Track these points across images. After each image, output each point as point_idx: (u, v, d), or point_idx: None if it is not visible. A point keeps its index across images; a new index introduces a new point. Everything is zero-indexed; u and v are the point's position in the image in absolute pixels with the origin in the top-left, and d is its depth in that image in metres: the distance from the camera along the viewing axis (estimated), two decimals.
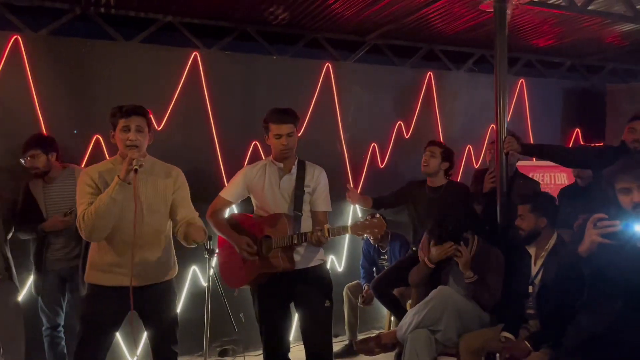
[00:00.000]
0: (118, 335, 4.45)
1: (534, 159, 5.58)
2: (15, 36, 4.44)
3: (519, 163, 4.81)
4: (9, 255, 3.63)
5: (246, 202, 3.45)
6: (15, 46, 4.43)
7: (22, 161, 3.75)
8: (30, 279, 4.00)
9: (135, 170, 2.71)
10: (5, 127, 4.30)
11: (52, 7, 4.66)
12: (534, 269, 3.35)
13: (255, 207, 3.35)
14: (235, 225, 3.31)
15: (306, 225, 3.18)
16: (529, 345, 3.11)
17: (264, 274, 3.16)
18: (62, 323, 3.96)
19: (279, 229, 3.09)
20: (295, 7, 4.89)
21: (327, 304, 3.20)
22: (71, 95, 4.60)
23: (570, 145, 6.62)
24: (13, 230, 3.79)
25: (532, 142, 6.27)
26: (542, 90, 6.54)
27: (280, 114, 3.17)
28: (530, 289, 3.35)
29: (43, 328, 3.95)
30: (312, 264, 3.20)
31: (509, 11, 3.83)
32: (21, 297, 4.20)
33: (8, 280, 3.62)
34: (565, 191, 4.65)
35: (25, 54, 4.45)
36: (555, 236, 3.37)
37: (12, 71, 4.42)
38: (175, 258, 3.13)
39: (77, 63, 4.63)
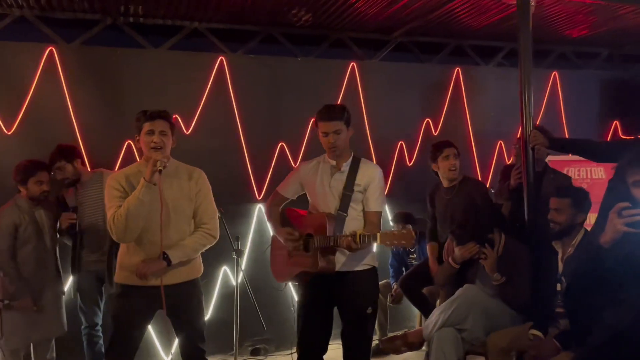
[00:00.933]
0: (153, 335, 4.60)
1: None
2: (50, 47, 4.65)
3: (553, 158, 4.68)
4: (58, 256, 3.89)
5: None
6: (51, 57, 4.64)
7: (52, 174, 3.91)
8: (69, 280, 4.17)
9: (160, 171, 2.79)
10: (43, 136, 4.49)
11: (84, 18, 4.86)
12: (561, 266, 3.26)
13: (309, 204, 3.29)
14: (285, 219, 3.29)
15: (352, 226, 3.03)
16: (557, 343, 3.03)
17: (305, 272, 3.12)
18: (99, 322, 4.11)
19: (320, 229, 3.01)
20: (319, 8, 4.92)
21: (369, 310, 3.07)
22: (103, 102, 4.78)
23: (608, 139, 6.41)
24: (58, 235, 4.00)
25: (566, 137, 6.12)
26: (577, 82, 6.34)
27: (326, 111, 3.06)
28: (559, 286, 3.26)
29: (82, 327, 4.10)
30: (358, 268, 3.07)
31: (532, 3, 3.74)
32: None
33: (58, 279, 3.89)
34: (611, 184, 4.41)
35: (60, 64, 4.66)
36: (582, 232, 3.27)
37: (48, 81, 4.63)
38: (201, 258, 3.20)
39: (108, 71, 4.81)
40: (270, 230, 3.44)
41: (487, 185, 5.02)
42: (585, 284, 2.34)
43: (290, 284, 3.71)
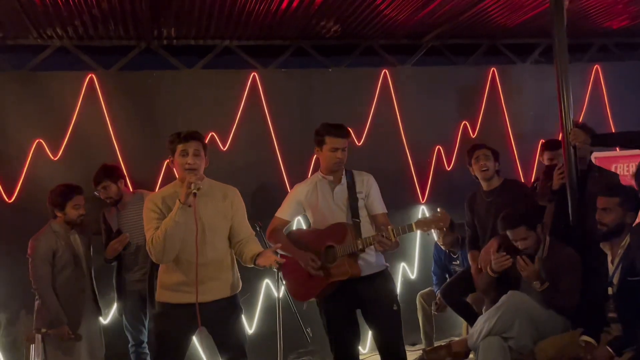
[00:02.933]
0: (200, 350, 4.67)
1: (617, 148, 5.21)
2: (90, 75, 4.84)
3: (600, 154, 4.50)
4: (94, 279, 4.01)
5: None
6: (91, 84, 4.83)
7: (96, 193, 4.04)
8: (114, 302, 4.29)
9: (194, 194, 2.84)
10: (87, 159, 4.65)
11: (120, 44, 5.02)
12: (611, 269, 3.12)
13: (311, 223, 3.42)
14: (296, 240, 3.39)
15: (365, 230, 3.26)
16: (611, 350, 2.90)
17: (332, 284, 3.22)
18: (145, 340, 4.20)
19: (341, 238, 3.18)
20: (346, 18, 4.91)
21: (395, 307, 3.26)
22: (142, 124, 4.93)
23: None
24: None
25: (613, 131, 5.88)
26: (621, 74, 6.07)
27: (338, 128, 3.30)
28: (610, 290, 3.12)
29: (129, 345, 4.21)
30: (374, 271, 3.26)
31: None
32: (109, 317, 4.54)
33: (96, 304, 4.01)
34: None
35: (100, 90, 4.84)
36: None
37: (90, 107, 4.82)
38: (239, 275, 3.23)
39: (145, 94, 4.96)
40: None
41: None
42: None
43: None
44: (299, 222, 3.87)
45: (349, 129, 3.37)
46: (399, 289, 4.85)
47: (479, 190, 4.11)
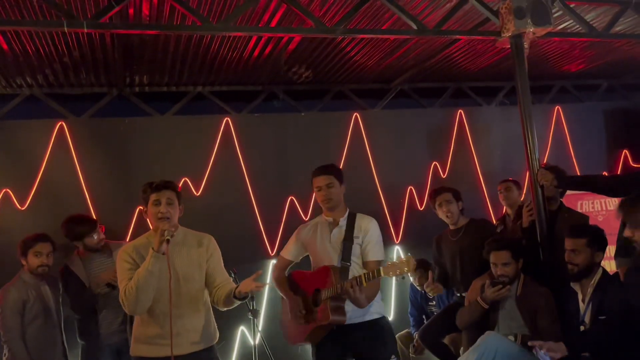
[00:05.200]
0: None
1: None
2: (60, 122, 4.81)
3: (569, 192, 4.61)
4: (64, 332, 3.84)
5: None
6: (61, 131, 4.79)
7: (79, 247, 3.92)
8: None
9: (167, 241, 2.80)
10: (55, 208, 4.55)
11: (92, 92, 5.03)
12: (582, 307, 3.17)
13: (312, 264, 3.38)
14: (292, 283, 3.36)
15: (355, 275, 3.11)
16: None
17: (317, 329, 3.13)
18: None
19: (326, 282, 3.11)
20: (317, 64, 5.04)
21: (394, 359, 3.11)
22: (114, 172, 4.88)
23: (619, 169, 6.36)
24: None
25: (576, 169, 6.09)
26: (581, 115, 6.35)
27: (318, 167, 3.32)
28: (582, 328, 3.16)
29: None
30: (369, 318, 3.14)
31: (526, 45, 3.81)
32: None
33: (64, 357, 3.84)
34: None
35: (70, 137, 4.80)
36: (600, 270, 3.20)
37: (59, 155, 4.76)
38: (216, 325, 3.16)
39: (117, 140, 4.93)
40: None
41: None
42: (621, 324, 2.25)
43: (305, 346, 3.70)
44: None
45: (332, 165, 3.32)
46: None
47: (445, 230, 4.15)
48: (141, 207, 3.03)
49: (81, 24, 3.10)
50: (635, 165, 6.38)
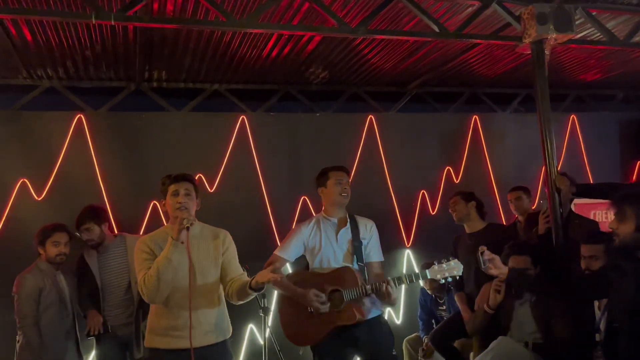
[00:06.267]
0: None
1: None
2: (78, 115, 4.84)
3: (581, 201, 4.61)
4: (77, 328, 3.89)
5: None
6: (79, 124, 4.83)
7: (78, 234, 3.95)
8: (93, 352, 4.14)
9: (187, 229, 2.81)
10: (71, 199, 4.58)
11: (110, 86, 5.06)
12: (598, 314, 3.16)
13: (310, 264, 3.38)
14: (299, 282, 3.30)
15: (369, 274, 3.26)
16: None
17: (335, 329, 3.17)
18: None
19: (348, 282, 3.15)
20: (335, 65, 5.06)
21: (394, 352, 3.26)
22: (129, 165, 4.91)
23: (634, 179, 6.32)
24: None
25: (590, 179, 6.06)
26: (596, 124, 6.33)
27: (337, 165, 3.45)
28: (597, 336, 3.15)
29: None
30: (372, 315, 3.23)
31: (547, 51, 3.81)
32: None
33: (77, 347, 3.90)
34: None
35: (88, 130, 4.84)
36: None
37: (77, 147, 4.80)
38: (229, 319, 3.17)
39: (134, 134, 4.97)
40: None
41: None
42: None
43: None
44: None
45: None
46: None
47: (463, 232, 4.18)
48: (156, 201, 3.06)
49: (109, 16, 3.14)
50: None
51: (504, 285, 3.47)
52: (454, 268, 3.10)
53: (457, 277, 3.20)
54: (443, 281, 3.17)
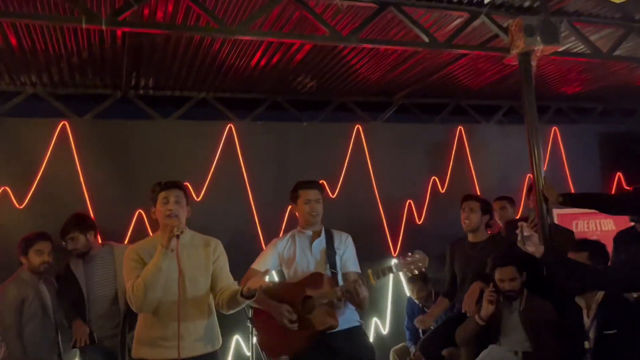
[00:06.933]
0: None
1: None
2: (62, 122, 4.76)
3: (562, 211, 4.68)
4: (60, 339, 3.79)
5: None
6: (63, 131, 4.75)
7: (63, 243, 3.86)
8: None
9: (177, 237, 2.77)
10: (54, 209, 4.47)
11: (95, 93, 4.99)
12: (587, 322, 3.19)
13: (287, 277, 3.40)
14: (271, 294, 3.28)
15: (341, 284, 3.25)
16: None
17: (310, 337, 3.14)
18: None
19: (319, 287, 3.15)
20: (322, 75, 5.08)
21: None
22: (115, 174, 4.83)
23: (613, 191, 6.44)
24: None
25: (572, 190, 6.15)
26: (577, 136, 6.45)
27: (309, 181, 3.43)
28: (587, 344, 3.17)
29: None
30: (349, 325, 3.22)
31: (533, 63, 3.88)
32: None
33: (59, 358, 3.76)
34: (621, 236, 4.42)
35: (72, 138, 4.75)
36: None
37: (60, 155, 4.71)
38: (219, 330, 3.12)
39: (119, 143, 4.90)
40: None
41: None
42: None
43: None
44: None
45: (322, 183, 3.49)
46: None
47: (465, 239, 4.08)
48: (141, 210, 3.01)
49: (99, 20, 3.10)
50: (626, 189, 6.48)
51: (497, 296, 3.49)
52: (419, 260, 3.05)
53: (423, 270, 3.16)
54: (410, 275, 3.14)
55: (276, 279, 4.23)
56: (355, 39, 3.76)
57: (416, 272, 3.13)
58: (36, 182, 4.60)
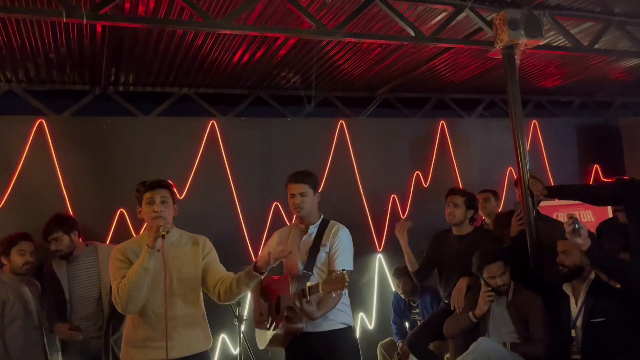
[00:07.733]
0: None
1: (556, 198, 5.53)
2: (39, 120, 4.62)
3: (543, 203, 4.73)
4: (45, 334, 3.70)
5: None
6: (40, 129, 4.61)
7: (49, 244, 3.76)
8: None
9: (163, 237, 2.71)
10: (33, 208, 4.38)
11: (74, 89, 4.86)
12: (574, 311, 3.24)
13: (283, 269, 3.36)
14: (262, 289, 3.32)
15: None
16: None
17: (281, 335, 3.16)
18: None
19: (285, 290, 3.13)
20: (306, 71, 5.04)
21: None
22: (95, 172, 4.72)
23: (591, 182, 6.57)
24: None
25: (551, 182, 6.25)
26: (555, 129, 6.55)
27: (293, 174, 3.29)
28: (574, 332, 3.23)
29: None
30: (331, 328, 3.13)
31: (517, 56, 3.91)
32: None
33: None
34: (603, 227, 4.49)
35: (50, 135, 4.62)
36: (593, 274, 3.28)
37: (38, 153, 4.57)
38: (210, 330, 3.08)
39: (99, 140, 4.78)
40: None
41: None
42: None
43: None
44: None
45: (308, 173, 3.26)
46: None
47: (450, 232, 4.08)
48: (123, 209, 2.94)
49: (81, 14, 3.00)
50: (605, 180, 6.61)
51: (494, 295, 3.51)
52: (340, 281, 2.74)
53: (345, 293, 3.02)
54: (334, 295, 2.92)
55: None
56: (341, 33, 3.73)
57: (334, 295, 2.93)
58: (13, 181, 4.46)
